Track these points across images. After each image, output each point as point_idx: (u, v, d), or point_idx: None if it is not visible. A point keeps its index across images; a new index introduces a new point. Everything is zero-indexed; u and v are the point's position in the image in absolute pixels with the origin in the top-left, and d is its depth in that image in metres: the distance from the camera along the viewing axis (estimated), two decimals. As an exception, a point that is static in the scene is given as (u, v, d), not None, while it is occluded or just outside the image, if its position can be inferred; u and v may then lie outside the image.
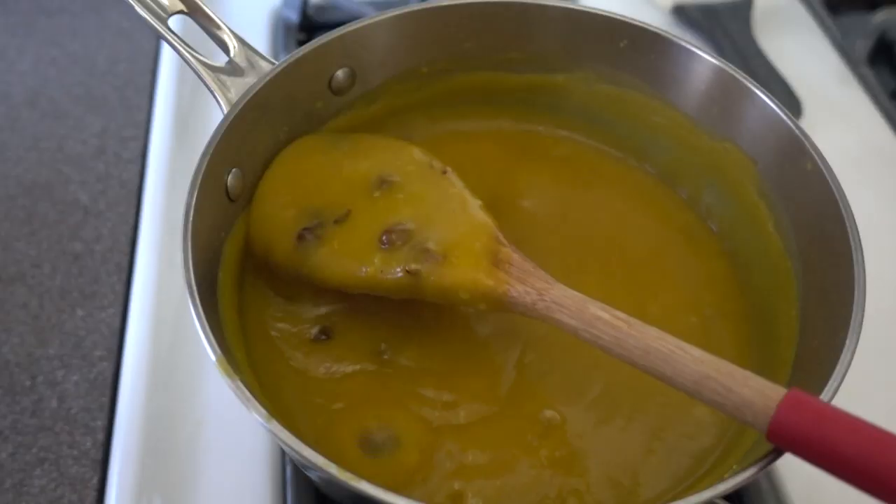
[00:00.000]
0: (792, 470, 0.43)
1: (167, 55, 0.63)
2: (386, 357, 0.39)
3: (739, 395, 0.29)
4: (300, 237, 0.38)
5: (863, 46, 0.66)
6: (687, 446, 0.36)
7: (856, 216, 0.36)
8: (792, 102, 0.61)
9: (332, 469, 0.27)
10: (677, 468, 0.36)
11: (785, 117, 0.38)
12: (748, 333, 0.41)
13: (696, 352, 0.31)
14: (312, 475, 0.38)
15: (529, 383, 0.38)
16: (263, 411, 0.29)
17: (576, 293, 0.35)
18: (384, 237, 0.37)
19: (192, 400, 0.45)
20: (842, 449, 0.27)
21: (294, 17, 0.65)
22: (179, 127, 0.58)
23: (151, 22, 0.38)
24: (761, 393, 0.29)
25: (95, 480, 0.43)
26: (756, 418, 0.29)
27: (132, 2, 0.38)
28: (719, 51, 0.64)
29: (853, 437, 0.27)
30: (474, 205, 0.39)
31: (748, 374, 0.30)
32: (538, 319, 0.35)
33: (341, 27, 0.41)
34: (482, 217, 0.38)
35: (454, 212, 0.38)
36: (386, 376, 0.38)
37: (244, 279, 0.40)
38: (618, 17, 0.42)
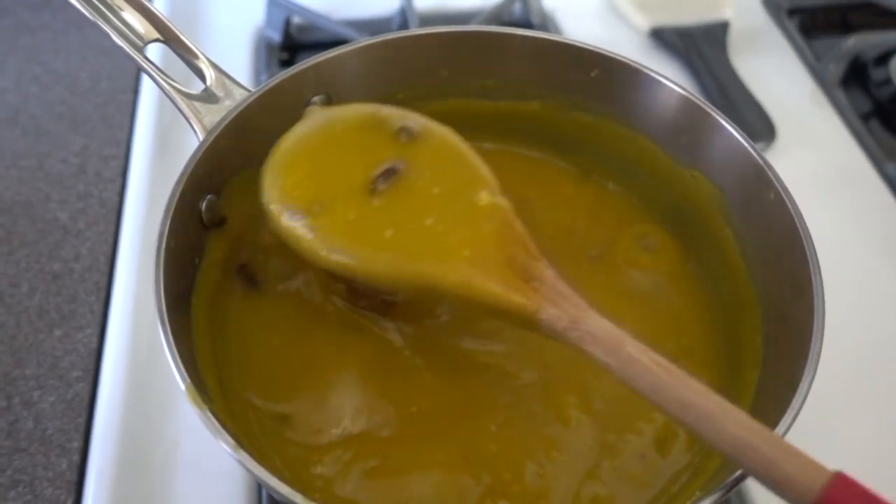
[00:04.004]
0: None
1: (149, 74, 0.63)
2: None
3: (782, 470, 0.27)
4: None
5: (836, 69, 0.67)
6: (650, 473, 0.37)
7: (825, 237, 0.36)
8: (766, 124, 0.62)
9: (298, 499, 0.28)
10: (641, 495, 0.36)
11: (749, 147, 0.39)
12: (721, 357, 0.41)
13: (740, 415, 0.29)
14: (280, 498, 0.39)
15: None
16: (232, 441, 0.29)
17: (613, 328, 0.32)
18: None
19: (168, 421, 0.45)
20: None
21: (276, 37, 0.66)
22: (160, 146, 0.58)
23: (128, 50, 0.38)
24: (805, 472, 0.27)
25: (70, 503, 0.43)
26: (797, 497, 0.27)
27: (108, 30, 0.38)
28: (695, 73, 0.65)
29: None
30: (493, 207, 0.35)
31: (792, 448, 0.28)
32: (568, 346, 0.33)
33: (316, 55, 0.41)
34: (505, 219, 0.35)
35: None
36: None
37: (220, 294, 0.41)
38: (589, 47, 0.42)
